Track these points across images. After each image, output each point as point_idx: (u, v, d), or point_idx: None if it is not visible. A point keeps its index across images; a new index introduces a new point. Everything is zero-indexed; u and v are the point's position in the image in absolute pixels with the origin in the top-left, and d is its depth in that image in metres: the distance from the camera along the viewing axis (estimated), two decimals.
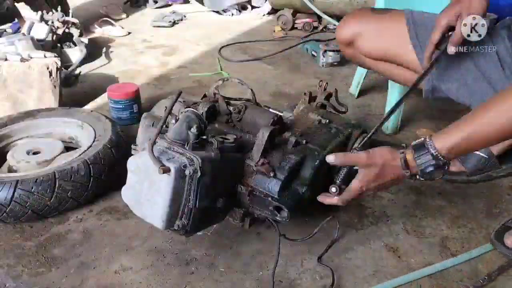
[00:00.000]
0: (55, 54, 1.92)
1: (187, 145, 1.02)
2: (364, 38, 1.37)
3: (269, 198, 1.12)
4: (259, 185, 1.12)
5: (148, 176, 1.01)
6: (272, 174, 1.10)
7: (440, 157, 0.95)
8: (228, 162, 1.09)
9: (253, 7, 3.61)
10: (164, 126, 1.15)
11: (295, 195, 1.13)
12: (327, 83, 1.44)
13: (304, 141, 1.18)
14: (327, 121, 1.29)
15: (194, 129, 1.02)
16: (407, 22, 1.29)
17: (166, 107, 1.21)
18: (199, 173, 1.00)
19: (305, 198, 1.13)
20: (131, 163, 1.07)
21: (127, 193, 1.09)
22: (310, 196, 1.14)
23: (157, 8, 3.65)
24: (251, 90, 1.33)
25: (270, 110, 1.35)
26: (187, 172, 1.00)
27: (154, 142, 1.02)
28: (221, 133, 1.13)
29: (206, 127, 1.11)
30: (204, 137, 1.05)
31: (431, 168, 0.96)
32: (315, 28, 3.08)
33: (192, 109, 1.11)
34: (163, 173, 0.96)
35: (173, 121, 1.11)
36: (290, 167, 1.12)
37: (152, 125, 1.23)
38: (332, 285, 1.09)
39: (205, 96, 1.30)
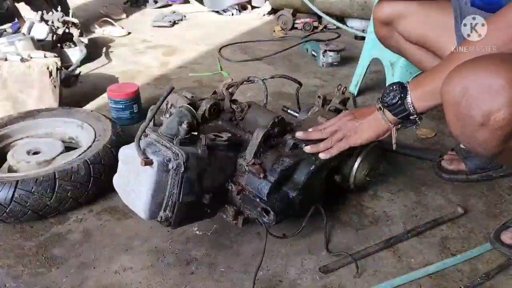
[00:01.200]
0: (55, 54, 1.92)
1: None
2: (407, 19, 1.34)
3: (258, 199, 1.11)
4: (249, 185, 1.12)
5: (134, 166, 1.03)
6: (262, 175, 1.09)
7: (416, 117, 1.08)
8: (218, 159, 1.09)
9: (253, 7, 3.61)
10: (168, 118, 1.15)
11: (284, 199, 1.12)
12: (345, 87, 1.43)
13: (303, 145, 1.17)
14: None
15: (184, 125, 1.03)
16: (455, 13, 1.25)
17: (168, 101, 1.22)
18: (182, 168, 1.01)
19: (295, 203, 1.12)
20: (121, 153, 1.10)
21: (117, 182, 1.13)
22: (303, 202, 1.14)
23: (157, 8, 3.65)
24: (266, 88, 1.35)
25: (289, 111, 1.36)
26: (170, 166, 1.01)
27: (142, 134, 1.05)
28: (223, 131, 1.14)
29: (199, 123, 1.11)
30: (195, 133, 1.05)
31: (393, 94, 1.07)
32: (315, 28, 3.08)
33: (187, 105, 1.12)
34: (145, 165, 0.99)
35: (167, 115, 1.11)
36: (282, 170, 1.10)
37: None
38: (357, 271, 1.12)
39: (214, 93, 1.31)
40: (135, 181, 1.06)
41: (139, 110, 1.85)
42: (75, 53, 2.41)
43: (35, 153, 1.46)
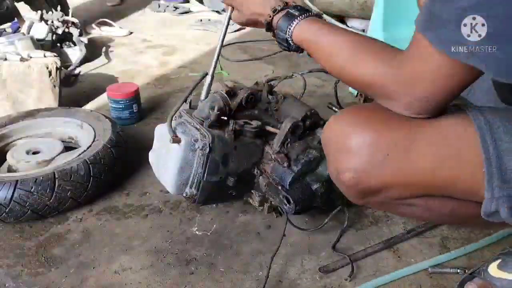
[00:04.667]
0: (55, 54, 1.92)
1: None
2: (387, 171, 0.86)
3: (280, 187, 1.16)
4: (274, 173, 1.17)
5: (165, 143, 1.12)
6: (286, 164, 1.14)
7: (290, 39, 0.98)
8: (244, 145, 1.16)
9: None
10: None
11: (306, 190, 1.15)
12: None
13: None
14: None
15: (215, 110, 1.12)
16: (478, 128, 0.80)
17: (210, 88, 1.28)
18: (208, 149, 1.09)
19: (317, 195, 1.15)
20: (157, 130, 1.21)
21: (151, 157, 1.25)
22: (326, 195, 1.17)
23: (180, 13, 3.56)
24: (305, 82, 1.38)
25: (333, 108, 1.43)
26: (196, 146, 1.10)
27: (175, 114, 1.14)
28: (256, 119, 1.20)
29: (231, 110, 1.18)
30: (225, 118, 1.13)
31: (280, 40, 1.01)
32: None
33: (221, 92, 1.19)
34: (173, 142, 1.08)
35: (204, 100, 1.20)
36: (306, 161, 1.15)
37: (186, 102, 1.29)
38: (352, 273, 1.11)
39: (257, 84, 1.35)
40: (165, 157, 1.16)
41: (139, 110, 1.85)
42: (74, 53, 2.40)
43: (35, 153, 1.46)
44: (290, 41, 0.99)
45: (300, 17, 0.97)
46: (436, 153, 0.82)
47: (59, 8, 2.56)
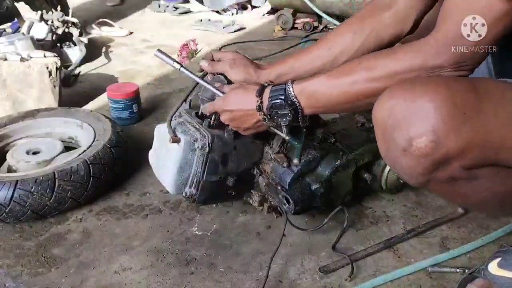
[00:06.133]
0: (55, 54, 1.93)
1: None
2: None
3: (280, 187, 1.15)
4: (273, 173, 1.17)
5: (165, 143, 1.12)
6: (286, 165, 1.14)
7: (291, 95, 0.95)
8: (244, 145, 1.16)
9: (253, 7, 3.61)
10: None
11: (306, 190, 1.15)
12: None
13: (332, 140, 1.19)
14: (372, 125, 1.29)
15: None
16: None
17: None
18: (207, 149, 1.09)
19: (317, 195, 1.16)
20: (156, 129, 1.21)
21: (151, 156, 1.25)
22: (326, 195, 1.17)
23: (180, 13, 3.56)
24: None
25: None
26: (196, 145, 1.09)
27: (174, 114, 1.15)
28: None
29: None
30: None
31: (278, 101, 0.96)
32: (315, 28, 3.08)
33: (224, 75, 1.17)
34: (173, 142, 1.07)
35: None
36: (306, 161, 1.14)
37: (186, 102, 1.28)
38: (351, 274, 1.10)
39: None
40: (165, 156, 1.15)
41: (139, 110, 1.85)
42: (74, 53, 2.41)
43: (35, 153, 1.46)
44: (291, 101, 0.96)
45: (290, 81, 0.97)
46: (504, 111, 0.82)
47: (59, 8, 2.57)
